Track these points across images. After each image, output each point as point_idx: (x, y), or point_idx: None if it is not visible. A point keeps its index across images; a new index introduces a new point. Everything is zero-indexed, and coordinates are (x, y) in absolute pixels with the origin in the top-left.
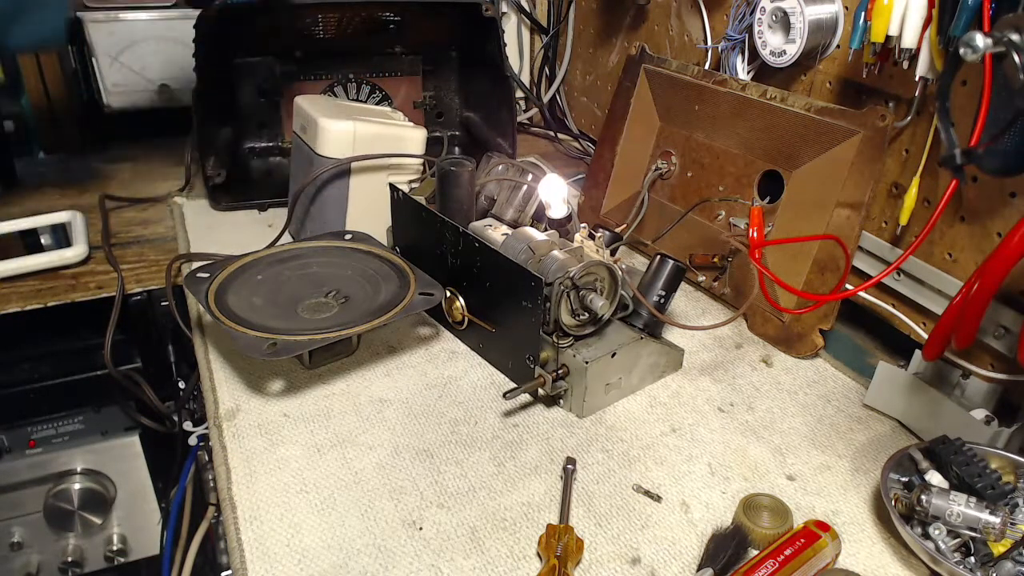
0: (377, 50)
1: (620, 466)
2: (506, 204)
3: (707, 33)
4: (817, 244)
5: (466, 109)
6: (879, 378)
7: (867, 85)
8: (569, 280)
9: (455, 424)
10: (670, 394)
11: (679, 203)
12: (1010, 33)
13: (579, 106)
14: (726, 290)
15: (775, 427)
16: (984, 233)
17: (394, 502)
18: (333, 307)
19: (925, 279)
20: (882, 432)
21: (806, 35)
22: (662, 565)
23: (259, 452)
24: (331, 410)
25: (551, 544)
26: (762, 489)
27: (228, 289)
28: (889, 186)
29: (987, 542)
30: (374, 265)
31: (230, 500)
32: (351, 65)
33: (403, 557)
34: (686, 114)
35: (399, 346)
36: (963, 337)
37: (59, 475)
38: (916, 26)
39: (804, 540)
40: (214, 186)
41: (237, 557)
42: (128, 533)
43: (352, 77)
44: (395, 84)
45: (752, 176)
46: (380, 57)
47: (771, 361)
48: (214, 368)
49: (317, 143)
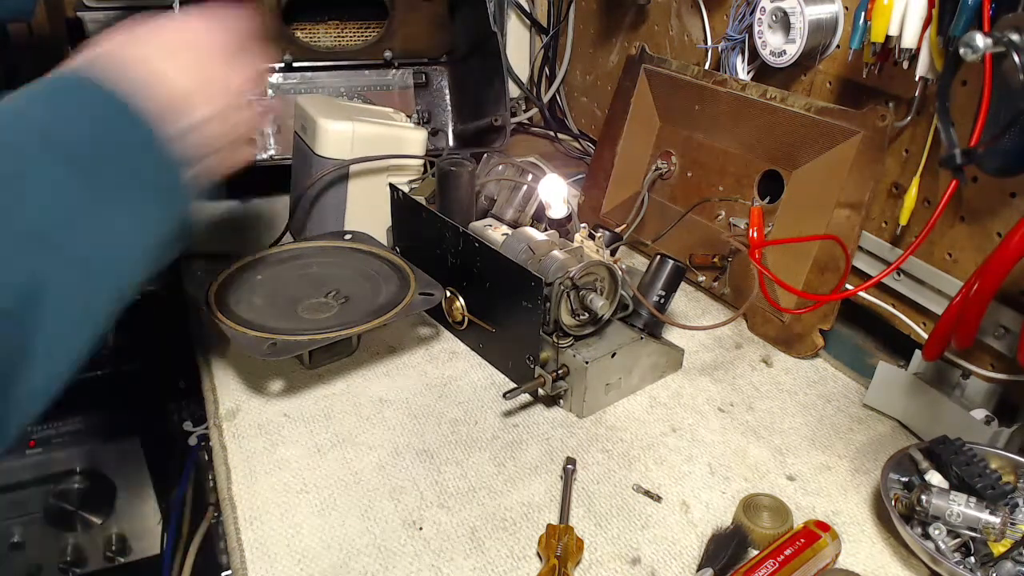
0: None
1: (620, 466)
2: (506, 204)
3: (707, 33)
4: (817, 244)
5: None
6: (879, 378)
7: (867, 85)
8: (569, 280)
9: (455, 424)
10: (670, 394)
11: (679, 203)
12: (1010, 33)
13: (579, 106)
14: (726, 290)
15: (775, 427)
16: (984, 233)
17: (394, 502)
18: (333, 307)
19: (925, 279)
20: (882, 432)
21: (806, 35)
22: (662, 565)
23: (259, 452)
24: (331, 410)
25: (551, 544)
26: (762, 489)
27: (228, 289)
28: (889, 186)
29: (987, 542)
30: (374, 265)
31: (230, 500)
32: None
33: (403, 557)
34: (686, 114)
35: (399, 346)
36: (963, 337)
37: (59, 475)
38: (916, 26)
39: (804, 540)
40: None
41: (237, 557)
42: (128, 533)
43: (343, 92)
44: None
45: (752, 176)
46: (371, 71)
47: (771, 361)
48: (214, 368)
49: (317, 143)
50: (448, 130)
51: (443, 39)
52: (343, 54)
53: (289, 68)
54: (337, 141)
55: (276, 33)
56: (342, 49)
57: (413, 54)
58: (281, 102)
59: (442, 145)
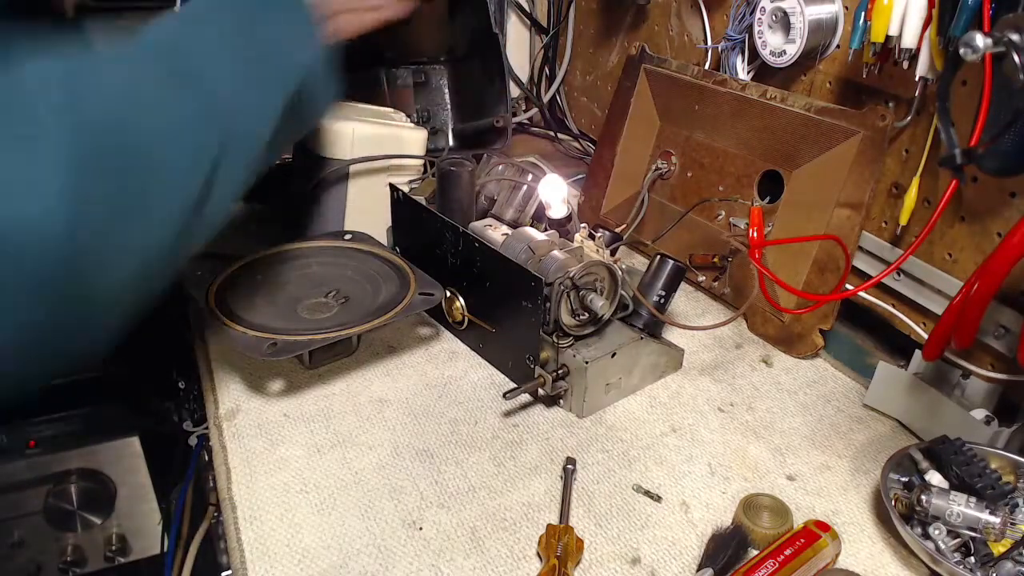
0: None
1: (620, 466)
2: (506, 204)
3: (707, 33)
4: (817, 244)
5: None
6: (879, 378)
7: (867, 85)
8: (569, 280)
9: (455, 424)
10: (670, 394)
11: (679, 203)
12: (1010, 33)
13: (579, 106)
14: (726, 290)
15: (775, 427)
16: (984, 233)
17: (394, 502)
18: (333, 307)
19: (925, 279)
20: (882, 432)
21: (806, 35)
22: (662, 565)
23: (259, 452)
24: (331, 410)
25: (551, 544)
26: (762, 489)
27: (228, 289)
28: (889, 186)
29: (987, 542)
30: (374, 265)
31: (230, 500)
32: None
33: (403, 557)
34: (686, 114)
35: (399, 346)
36: (963, 337)
37: (59, 475)
38: (916, 26)
39: (804, 540)
40: None
41: (237, 557)
42: (128, 533)
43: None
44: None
45: (752, 176)
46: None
47: (771, 361)
48: (214, 368)
49: (317, 143)
50: (448, 130)
51: (443, 39)
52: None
53: None
54: (337, 141)
55: None
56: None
57: (412, 53)
58: None
59: (442, 145)
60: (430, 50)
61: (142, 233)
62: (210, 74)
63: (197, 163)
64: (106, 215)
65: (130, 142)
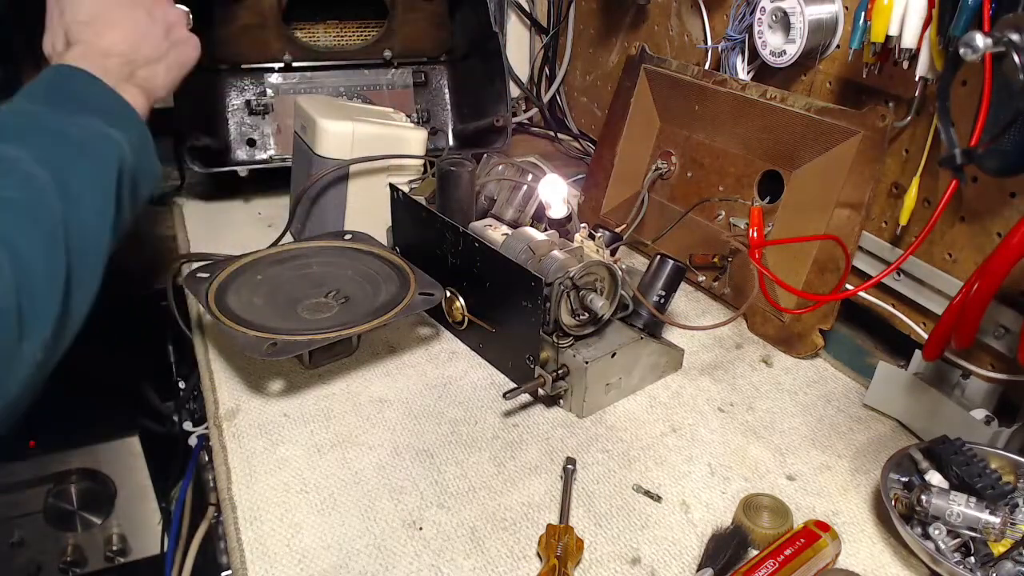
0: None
1: (620, 466)
2: (506, 204)
3: (707, 33)
4: (817, 244)
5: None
6: (879, 378)
7: (867, 85)
8: (569, 280)
9: (455, 424)
10: (670, 394)
11: (679, 203)
12: (1010, 33)
13: (579, 106)
14: (726, 290)
15: (775, 427)
16: (984, 233)
17: (394, 502)
18: (333, 307)
19: (925, 279)
20: (882, 432)
21: (806, 35)
22: (662, 565)
23: (259, 452)
24: (331, 410)
25: (551, 544)
26: (762, 489)
27: (228, 289)
28: (889, 186)
29: (987, 542)
30: (374, 265)
31: (230, 500)
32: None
33: (403, 557)
34: (686, 114)
35: (399, 346)
36: (963, 337)
37: (59, 475)
38: (916, 26)
39: (804, 540)
40: (191, 147)
41: (237, 557)
42: (128, 533)
43: (343, 92)
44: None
45: (752, 176)
46: (371, 70)
47: (771, 361)
48: (214, 368)
49: (317, 143)
50: (448, 130)
51: (443, 39)
52: (343, 54)
53: (289, 68)
54: (337, 141)
55: (276, 33)
56: (342, 49)
57: (413, 54)
58: (281, 102)
59: (442, 145)
60: (430, 50)
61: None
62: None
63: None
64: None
65: None
